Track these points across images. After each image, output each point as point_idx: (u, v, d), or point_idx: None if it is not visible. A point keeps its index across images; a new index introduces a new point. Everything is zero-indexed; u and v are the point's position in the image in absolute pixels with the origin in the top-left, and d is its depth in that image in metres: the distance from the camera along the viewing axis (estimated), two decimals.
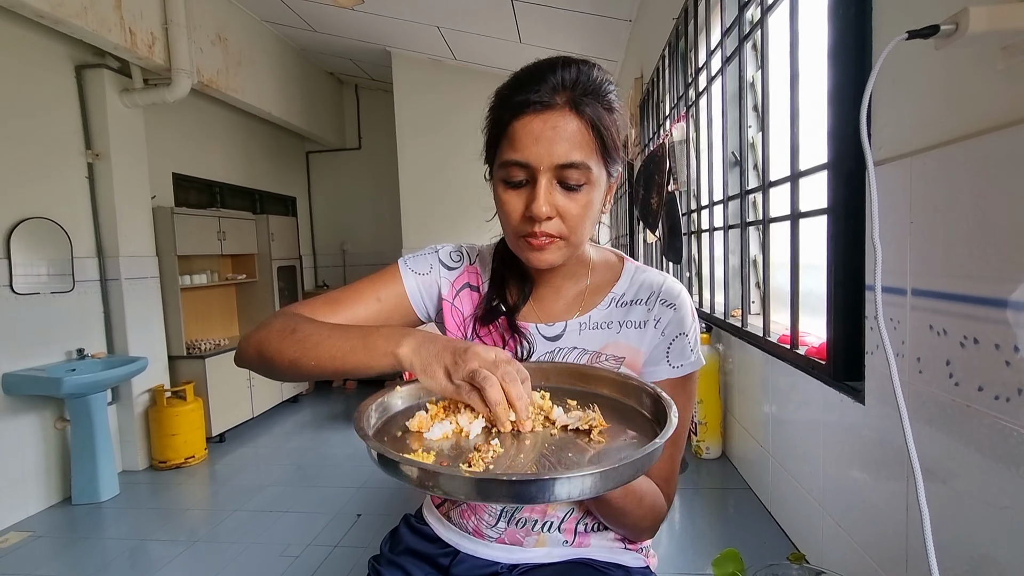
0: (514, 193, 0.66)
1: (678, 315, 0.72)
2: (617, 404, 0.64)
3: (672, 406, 0.55)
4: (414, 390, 0.67)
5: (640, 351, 0.73)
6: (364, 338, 0.60)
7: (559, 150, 0.61)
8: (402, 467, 0.46)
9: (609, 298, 0.75)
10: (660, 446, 0.47)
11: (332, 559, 2.26)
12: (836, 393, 1.15)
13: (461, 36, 3.81)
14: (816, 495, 1.32)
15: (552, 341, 0.75)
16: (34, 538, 2.52)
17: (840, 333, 1.04)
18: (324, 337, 0.62)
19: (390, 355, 0.57)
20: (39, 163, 2.85)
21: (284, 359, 0.64)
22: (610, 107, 0.65)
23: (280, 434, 3.99)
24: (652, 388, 0.62)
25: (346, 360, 0.59)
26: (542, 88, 0.62)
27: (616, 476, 0.45)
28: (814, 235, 1.31)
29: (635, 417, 0.61)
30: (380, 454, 0.47)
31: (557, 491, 0.42)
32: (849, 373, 1.04)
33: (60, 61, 2.98)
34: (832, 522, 1.22)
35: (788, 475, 1.50)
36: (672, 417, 0.53)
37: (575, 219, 0.65)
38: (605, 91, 0.64)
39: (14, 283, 2.67)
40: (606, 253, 0.81)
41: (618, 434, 0.56)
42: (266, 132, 4.99)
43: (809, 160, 1.25)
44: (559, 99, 0.62)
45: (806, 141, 1.29)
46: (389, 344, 0.58)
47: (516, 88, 0.64)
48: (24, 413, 2.73)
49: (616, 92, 0.67)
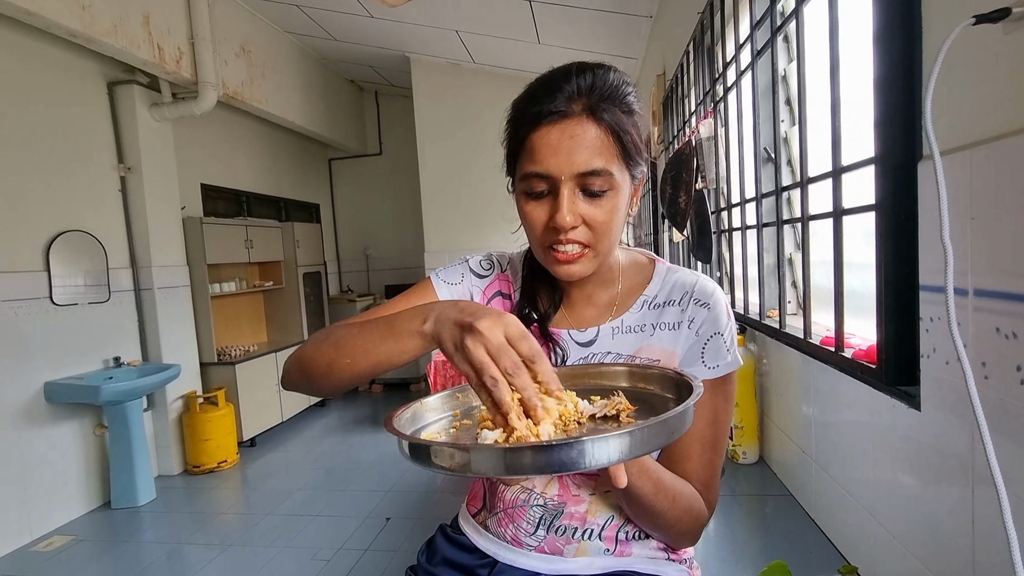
0: (537, 204, 0.65)
1: (712, 314, 0.70)
2: (640, 393, 0.63)
3: (695, 378, 0.54)
4: (447, 399, 0.67)
5: (675, 353, 0.72)
6: (389, 324, 0.59)
7: (579, 159, 0.61)
8: (432, 450, 0.45)
9: (641, 301, 0.74)
10: (691, 407, 0.47)
11: (363, 563, 2.27)
12: (886, 398, 1.09)
13: (479, 39, 3.81)
14: (866, 503, 1.26)
15: (585, 347, 0.74)
16: (77, 541, 2.60)
17: (891, 335, 0.99)
18: (354, 334, 0.62)
19: (415, 334, 0.56)
20: (74, 178, 2.94)
21: (320, 364, 0.63)
22: (629, 110, 0.64)
23: (309, 438, 4.04)
24: (672, 369, 0.61)
25: (378, 350, 0.58)
26: (558, 97, 0.61)
27: (649, 436, 0.44)
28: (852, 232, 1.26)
29: (660, 403, 0.60)
30: (412, 444, 0.47)
31: (588, 453, 0.41)
32: (902, 378, 0.98)
33: (93, 78, 3.07)
34: (885, 533, 1.16)
35: (833, 482, 1.44)
36: (696, 385, 0.52)
37: (601, 226, 0.64)
38: (623, 94, 0.64)
39: (54, 294, 2.76)
40: (635, 255, 0.80)
41: (647, 415, 0.55)
42: (289, 140, 5.07)
43: (847, 155, 1.20)
44: (576, 107, 0.61)
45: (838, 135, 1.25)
46: (413, 323, 0.56)
47: (531, 100, 0.63)
48: (65, 420, 2.82)
49: (635, 93, 0.66)
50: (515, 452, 0.42)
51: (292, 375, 0.69)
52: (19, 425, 2.60)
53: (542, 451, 0.42)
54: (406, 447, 0.48)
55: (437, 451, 0.45)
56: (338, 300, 5.40)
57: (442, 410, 0.66)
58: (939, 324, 0.89)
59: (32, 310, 2.68)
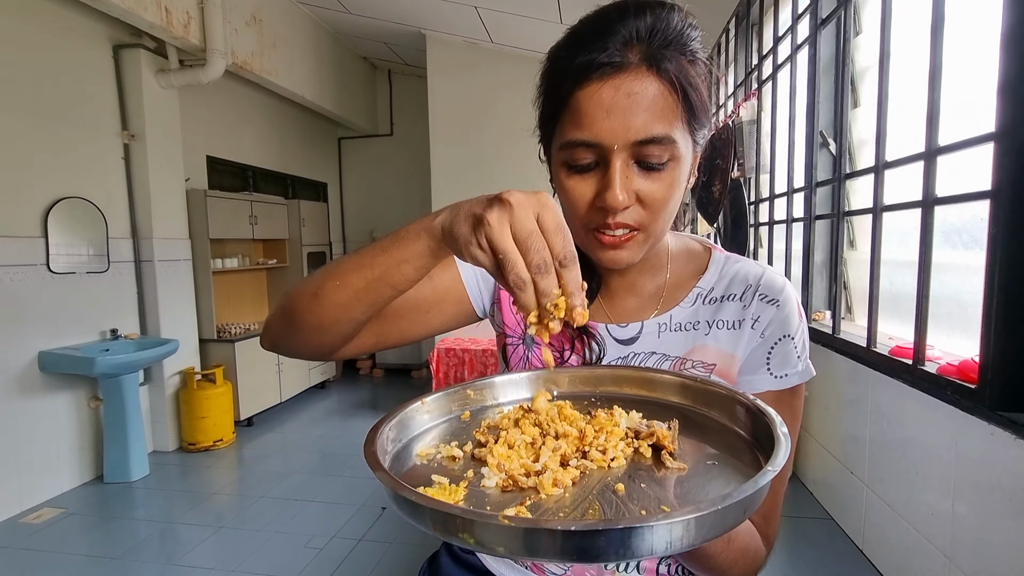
0: (580, 179, 0.53)
1: (781, 313, 0.59)
2: (697, 417, 0.51)
3: (778, 422, 0.42)
4: (444, 401, 0.55)
5: (735, 356, 0.60)
6: (393, 234, 0.48)
7: (637, 123, 0.49)
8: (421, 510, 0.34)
9: (695, 294, 0.63)
10: (771, 478, 0.36)
11: (356, 553, 2.20)
12: (984, 424, 0.95)
13: (499, 17, 3.67)
14: (941, 543, 1.11)
15: (625, 345, 0.63)
16: (67, 515, 2.55)
17: (1001, 352, 0.84)
18: (348, 257, 0.51)
19: (422, 231, 0.45)
20: (76, 143, 2.85)
21: (305, 295, 0.52)
22: (695, 58, 0.52)
23: (307, 420, 3.98)
24: (746, 397, 0.48)
25: (374, 263, 0.47)
26: (610, 44, 0.49)
27: (716, 521, 0.32)
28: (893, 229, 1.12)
29: (722, 435, 0.48)
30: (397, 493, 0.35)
31: (634, 545, 0.30)
32: (1010, 403, 0.85)
33: (98, 40, 2.97)
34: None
35: (892, 511, 1.29)
36: (781, 437, 0.40)
37: (658, 204, 0.52)
38: (688, 38, 0.51)
39: (51, 262, 2.68)
40: (687, 241, 0.68)
41: (700, 456, 0.44)
42: (299, 116, 4.96)
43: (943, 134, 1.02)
44: (633, 56, 0.49)
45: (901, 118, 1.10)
46: (422, 223, 0.46)
47: (577, 46, 0.50)
48: (59, 391, 2.76)
49: (701, 38, 0.53)
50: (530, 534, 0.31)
51: (274, 324, 0.57)
52: (11, 394, 2.54)
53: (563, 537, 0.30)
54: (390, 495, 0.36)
55: (433, 515, 0.33)
56: None
57: (440, 413, 0.54)
58: None
59: (28, 277, 2.60)
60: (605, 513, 0.36)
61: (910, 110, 1.11)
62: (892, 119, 1.22)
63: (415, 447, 0.48)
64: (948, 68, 1.02)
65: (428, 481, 0.41)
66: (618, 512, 0.36)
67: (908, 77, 1.13)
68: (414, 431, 0.51)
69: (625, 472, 0.42)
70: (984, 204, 0.90)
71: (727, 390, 0.51)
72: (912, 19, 1.17)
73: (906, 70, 1.15)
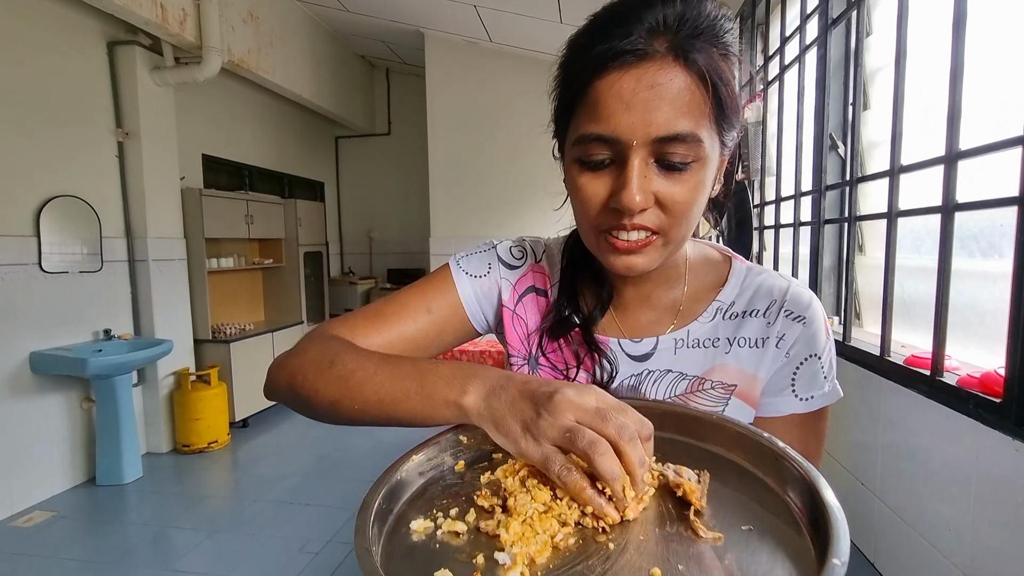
0: (593, 176, 0.49)
1: (808, 331, 0.55)
2: (736, 470, 0.45)
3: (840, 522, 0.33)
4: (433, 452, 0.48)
5: (757, 377, 0.56)
6: (420, 379, 0.47)
7: (660, 117, 0.45)
8: None
9: (714, 308, 0.59)
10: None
11: (352, 558, 2.16)
12: (1008, 440, 0.91)
13: (498, 16, 3.65)
14: (958, 559, 1.08)
15: (639, 361, 0.59)
16: (58, 518, 2.51)
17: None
18: (370, 374, 0.49)
19: (452, 406, 0.44)
20: (69, 140, 2.81)
21: (323, 400, 0.51)
22: (727, 52, 0.48)
23: (303, 422, 3.94)
24: (803, 465, 0.40)
25: (397, 407, 0.47)
26: (634, 31, 0.45)
27: None
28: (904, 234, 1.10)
29: (749, 487, 0.42)
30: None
31: None
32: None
33: (92, 37, 2.93)
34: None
35: (905, 524, 1.26)
36: (837, 515, 0.33)
37: (680, 208, 0.48)
38: (721, 29, 0.47)
39: (43, 261, 2.64)
40: (706, 249, 0.64)
41: (729, 518, 0.38)
42: (296, 115, 4.92)
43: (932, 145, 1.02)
44: (659, 45, 0.45)
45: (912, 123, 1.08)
46: (451, 390, 0.44)
47: (597, 33, 0.46)
48: (51, 392, 2.72)
49: (734, 30, 0.49)
50: None
51: (282, 391, 0.55)
52: (2, 395, 2.50)
53: None
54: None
55: None
56: (339, 282, 5.28)
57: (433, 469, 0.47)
58: None
59: (19, 276, 2.56)
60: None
61: (923, 113, 1.09)
62: (908, 121, 1.19)
63: (410, 517, 0.41)
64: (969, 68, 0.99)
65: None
66: None
67: (921, 79, 1.10)
68: (406, 494, 0.45)
69: (655, 544, 0.36)
70: (1008, 211, 0.87)
71: (779, 449, 0.43)
72: (928, 18, 1.14)
73: (919, 72, 1.12)
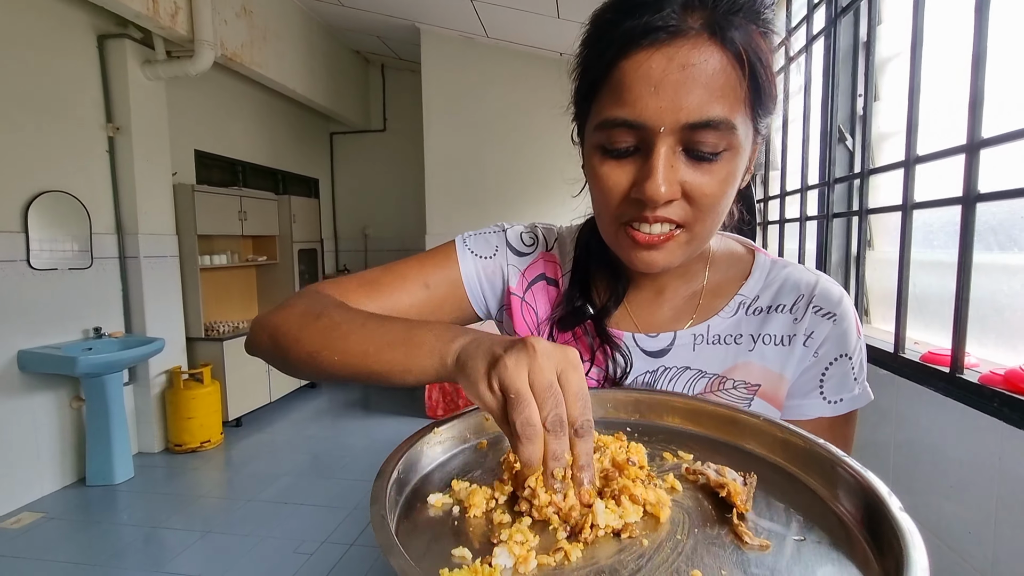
0: (616, 165, 0.45)
1: (838, 329, 0.52)
2: (782, 474, 0.41)
3: (915, 536, 0.31)
4: (458, 427, 0.47)
5: (783, 377, 0.53)
6: (409, 331, 0.44)
7: (691, 102, 0.41)
8: None
9: (736, 302, 0.55)
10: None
11: (347, 559, 2.15)
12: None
13: (495, 11, 3.61)
14: (979, 563, 1.06)
15: (655, 357, 0.55)
16: (47, 519, 2.47)
17: None
18: (357, 326, 0.46)
19: (435, 354, 0.41)
20: (58, 135, 2.76)
21: (302, 349, 0.48)
22: (767, 30, 0.44)
23: (297, 420, 3.91)
24: (856, 470, 0.36)
25: (380, 357, 0.44)
26: (667, 5, 0.41)
27: None
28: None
29: (800, 497, 0.39)
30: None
31: None
32: None
33: (82, 29, 2.87)
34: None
35: (922, 528, 1.23)
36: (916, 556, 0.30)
37: (708, 201, 0.45)
38: (761, 5, 0.44)
39: (31, 258, 2.59)
40: (729, 242, 0.60)
41: (778, 527, 0.35)
42: (290, 111, 4.87)
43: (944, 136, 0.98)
44: (693, 22, 0.41)
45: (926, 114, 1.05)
46: (440, 341, 0.41)
47: (626, 7, 0.43)
48: (40, 391, 2.67)
49: (773, 8, 0.47)
50: None
51: (262, 343, 0.53)
52: None
53: None
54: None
55: None
56: None
57: (455, 442, 0.47)
58: None
59: (7, 273, 2.52)
60: None
61: (937, 102, 1.07)
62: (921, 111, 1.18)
63: (427, 491, 0.40)
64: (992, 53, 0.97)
65: (447, 553, 0.33)
66: None
67: (936, 68, 1.08)
68: (425, 468, 0.44)
69: (694, 546, 0.33)
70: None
71: (828, 451, 0.40)
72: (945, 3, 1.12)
73: (935, 60, 1.10)
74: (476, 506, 0.37)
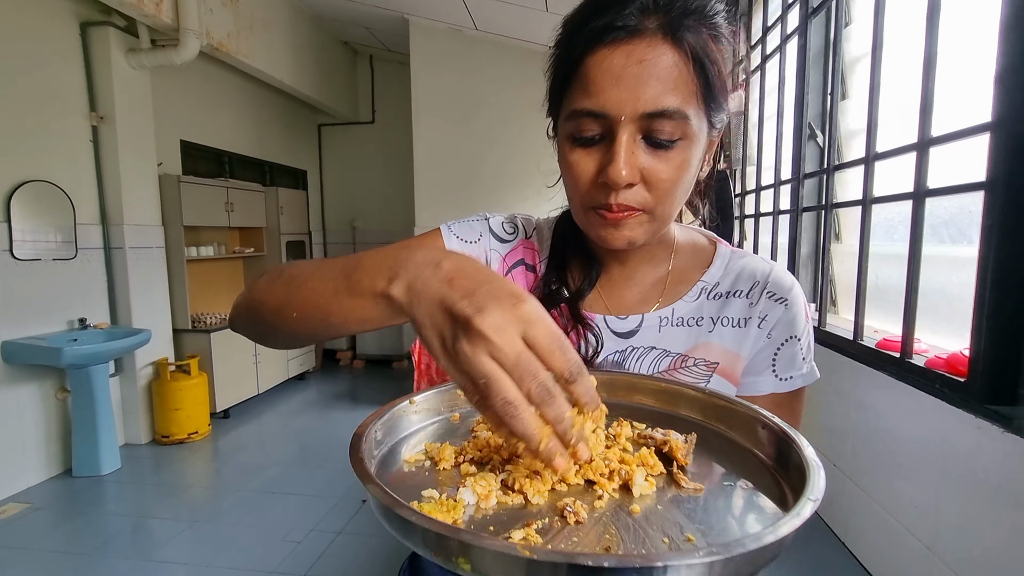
0: (584, 152, 0.51)
1: (789, 313, 0.58)
2: (715, 436, 0.48)
3: (816, 467, 0.35)
4: (434, 400, 0.51)
5: (739, 356, 0.59)
6: (348, 273, 0.41)
7: (647, 93, 0.46)
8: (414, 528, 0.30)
9: (699, 288, 0.61)
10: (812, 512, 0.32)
11: (335, 547, 2.18)
12: (971, 418, 0.95)
13: (484, 3, 3.61)
14: (925, 536, 1.12)
15: (624, 338, 0.61)
16: (33, 510, 2.47)
17: (990, 345, 0.84)
18: (308, 276, 0.45)
19: (380, 298, 0.38)
20: (41, 124, 2.72)
21: (268, 307, 0.48)
22: (717, 32, 0.49)
23: (285, 412, 3.92)
24: (771, 420, 0.44)
25: (329, 308, 0.42)
26: (627, 7, 0.47)
27: (761, 557, 0.29)
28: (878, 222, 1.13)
29: (736, 454, 0.45)
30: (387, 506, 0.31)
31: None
32: (999, 396, 0.85)
33: (64, 17, 2.83)
34: (948, 571, 1.04)
35: (874, 502, 1.31)
36: (813, 464, 0.35)
37: (665, 185, 0.50)
38: (712, 10, 0.49)
39: (14, 248, 2.57)
40: (693, 233, 0.67)
41: (711, 475, 0.41)
42: (277, 102, 4.83)
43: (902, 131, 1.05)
44: (650, 23, 0.47)
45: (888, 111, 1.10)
46: (378, 280, 0.38)
47: (592, 10, 0.48)
48: (24, 382, 2.66)
49: (726, 12, 0.51)
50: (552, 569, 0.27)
51: (240, 314, 0.54)
52: None
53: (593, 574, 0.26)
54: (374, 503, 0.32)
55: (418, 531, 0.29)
56: None
57: (429, 413, 0.51)
58: None
59: None
60: (624, 540, 0.33)
61: (898, 101, 1.12)
62: (883, 110, 1.22)
63: (402, 451, 0.44)
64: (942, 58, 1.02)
65: (418, 495, 0.37)
66: (638, 538, 0.34)
67: (898, 68, 1.13)
68: (401, 433, 0.48)
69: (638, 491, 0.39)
70: (975, 196, 0.89)
71: (747, 407, 0.47)
72: (905, 8, 1.17)
73: (896, 61, 1.15)
74: (446, 460, 0.42)
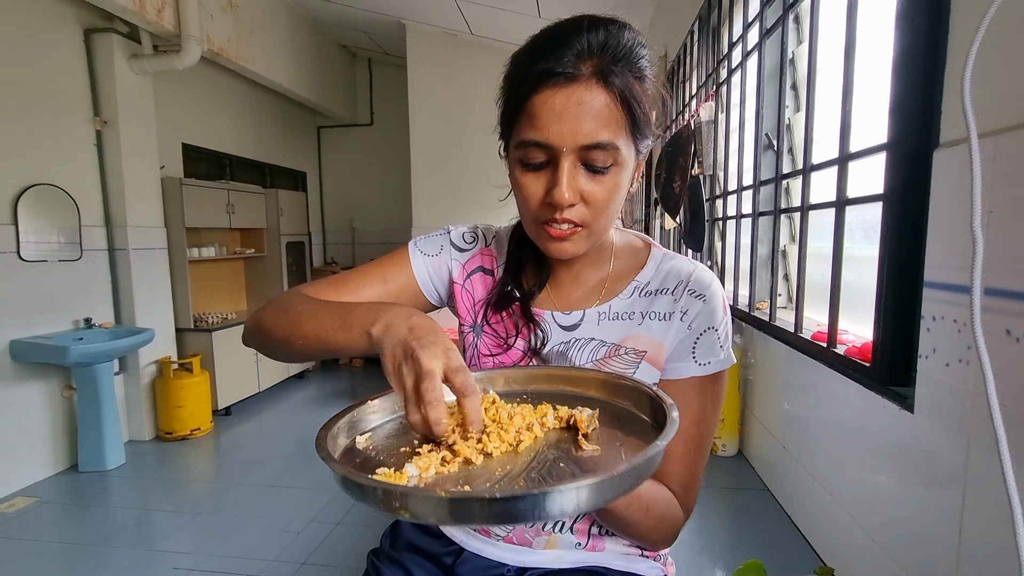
0: (532, 176, 0.59)
1: (708, 307, 0.66)
2: (611, 408, 0.58)
3: (672, 407, 0.48)
4: (389, 403, 0.61)
5: (663, 346, 0.67)
6: (344, 315, 0.56)
7: (584, 129, 0.55)
8: (366, 489, 0.40)
9: (632, 287, 0.69)
10: (661, 450, 0.42)
11: (333, 537, 2.24)
12: (877, 398, 1.06)
13: (478, 9, 3.67)
14: (847, 504, 1.23)
15: (568, 331, 0.70)
16: (41, 504, 2.53)
17: (889, 334, 0.95)
18: (311, 314, 0.60)
19: (364, 335, 0.52)
20: (46, 128, 2.79)
21: (276, 336, 0.62)
22: (641, 75, 0.58)
23: (286, 409, 3.98)
24: (648, 387, 0.55)
25: (328, 339, 0.56)
26: (566, 55, 0.55)
27: (614, 486, 0.39)
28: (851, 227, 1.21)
29: (632, 421, 0.55)
30: (344, 476, 0.41)
31: (548, 507, 0.37)
32: (897, 378, 0.95)
33: (68, 24, 2.90)
34: (863, 534, 1.15)
35: (813, 479, 1.42)
36: (672, 416, 0.47)
37: (600, 204, 0.59)
38: (636, 56, 0.57)
39: (21, 250, 2.64)
40: (631, 238, 0.75)
41: (613, 440, 0.51)
42: (277, 105, 4.90)
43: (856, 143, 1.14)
44: (584, 68, 0.55)
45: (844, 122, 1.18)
46: (364, 322, 0.53)
47: (536, 55, 0.56)
48: (31, 380, 2.72)
49: (648, 56, 0.60)
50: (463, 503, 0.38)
51: (251, 336, 0.68)
52: None
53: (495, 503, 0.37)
54: (336, 476, 0.42)
55: (369, 490, 0.39)
56: (322, 272, 5.29)
57: (387, 412, 0.60)
58: (942, 324, 0.85)
59: None
60: (528, 484, 0.43)
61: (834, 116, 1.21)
62: (820, 125, 1.33)
63: (359, 440, 0.54)
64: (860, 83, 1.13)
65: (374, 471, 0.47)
66: (537, 484, 0.43)
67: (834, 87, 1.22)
68: (361, 429, 0.57)
69: (545, 453, 0.49)
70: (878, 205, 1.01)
71: (634, 382, 0.58)
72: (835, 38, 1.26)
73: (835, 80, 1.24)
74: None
